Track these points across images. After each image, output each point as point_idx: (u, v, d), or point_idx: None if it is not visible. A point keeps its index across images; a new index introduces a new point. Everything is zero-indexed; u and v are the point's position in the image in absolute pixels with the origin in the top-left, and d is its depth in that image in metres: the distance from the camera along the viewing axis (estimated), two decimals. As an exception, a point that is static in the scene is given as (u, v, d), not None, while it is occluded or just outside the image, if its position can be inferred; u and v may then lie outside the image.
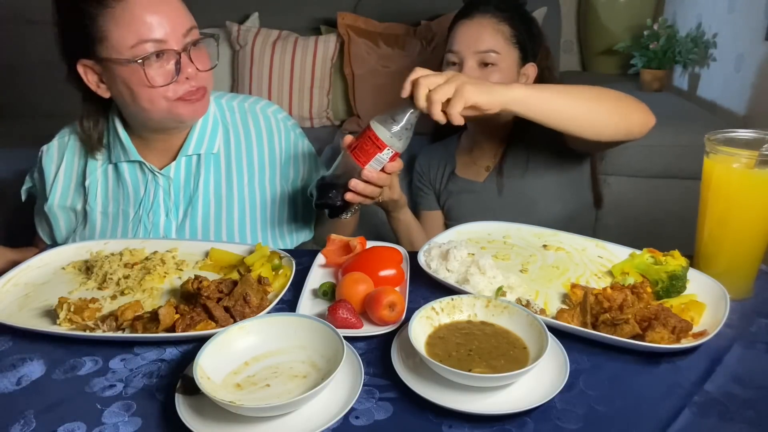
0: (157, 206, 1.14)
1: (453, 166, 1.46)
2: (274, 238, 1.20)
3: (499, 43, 1.31)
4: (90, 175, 1.17)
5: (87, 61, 1.05)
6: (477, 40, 1.31)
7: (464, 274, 0.92)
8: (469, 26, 1.33)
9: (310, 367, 0.73)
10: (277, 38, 2.51)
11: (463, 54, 1.31)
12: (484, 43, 1.30)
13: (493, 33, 1.31)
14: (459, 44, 1.33)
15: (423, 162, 1.53)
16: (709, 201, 0.92)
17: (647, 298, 0.86)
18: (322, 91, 2.53)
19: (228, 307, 0.83)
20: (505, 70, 1.32)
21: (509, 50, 1.33)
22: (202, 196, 1.15)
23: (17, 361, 0.79)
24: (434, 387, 0.70)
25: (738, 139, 0.90)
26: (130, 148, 1.14)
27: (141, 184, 1.16)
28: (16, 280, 0.97)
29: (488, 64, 1.30)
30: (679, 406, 0.69)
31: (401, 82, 0.95)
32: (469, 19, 1.34)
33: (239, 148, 1.18)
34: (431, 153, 1.53)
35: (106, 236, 1.16)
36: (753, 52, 1.98)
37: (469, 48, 1.31)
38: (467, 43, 1.32)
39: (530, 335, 0.76)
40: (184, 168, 1.16)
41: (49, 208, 1.20)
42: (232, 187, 1.16)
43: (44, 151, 1.22)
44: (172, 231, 1.15)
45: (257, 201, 1.17)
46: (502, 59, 1.31)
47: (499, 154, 1.40)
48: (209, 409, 0.67)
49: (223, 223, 1.15)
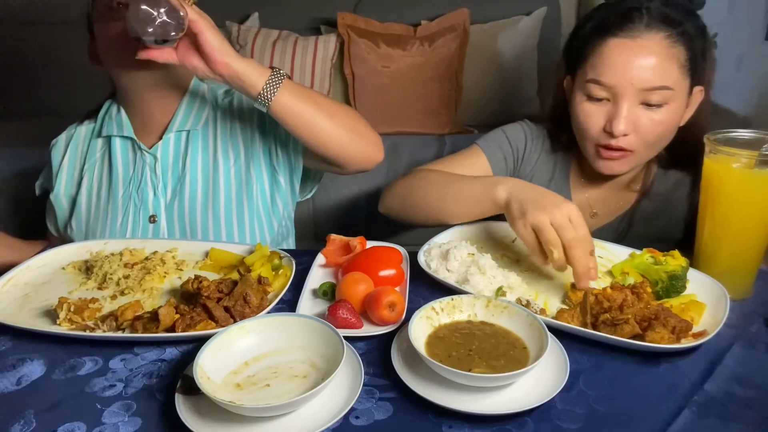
0: (144, 184, 1.17)
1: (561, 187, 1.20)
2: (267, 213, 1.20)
3: (672, 74, 0.98)
4: (89, 159, 1.21)
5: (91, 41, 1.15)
6: (643, 72, 0.98)
7: (464, 274, 0.92)
8: (629, 49, 0.98)
9: (310, 367, 0.73)
10: (277, 38, 2.51)
11: (621, 89, 0.99)
12: (654, 76, 0.97)
13: (666, 61, 0.98)
14: (614, 75, 0.99)
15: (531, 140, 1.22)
16: (709, 201, 0.92)
17: (647, 298, 0.86)
18: (322, 91, 2.52)
19: (228, 307, 0.83)
20: (674, 110, 1.02)
21: (681, 82, 1.00)
22: (189, 174, 1.17)
23: (17, 361, 0.79)
24: (434, 387, 0.70)
25: (738, 139, 0.90)
26: (125, 123, 1.18)
27: (131, 162, 1.19)
28: (16, 280, 0.97)
29: (654, 105, 1.00)
30: (679, 406, 0.69)
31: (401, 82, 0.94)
32: (630, 37, 0.99)
33: (225, 125, 1.19)
34: (548, 144, 1.22)
35: (99, 216, 1.18)
36: (753, 52, 1.98)
37: (632, 83, 0.98)
38: (627, 75, 0.98)
39: (530, 335, 0.76)
40: (173, 146, 1.18)
41: (56, 197, 1.23)
42: (219, 166, 1.17)
43: (53, 144, 1.27)
44: (161, 208, 1.17)
45: (243, 178, 1.18)
46: (674, 96, 1.00)
47: (619, 210, 1.18)
48: (209, 409, 0.67)
49: (210, 202, 1.16)
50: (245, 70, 0.97)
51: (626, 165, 1.09)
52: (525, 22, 2.51)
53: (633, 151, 1.06)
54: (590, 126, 1.07)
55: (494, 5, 2.55)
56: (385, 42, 2.45)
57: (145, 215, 1.17)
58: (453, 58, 2.42)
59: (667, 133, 1.06)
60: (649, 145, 1.06)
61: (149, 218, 1.16)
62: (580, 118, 1.08)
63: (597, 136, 1.07)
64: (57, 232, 1.26)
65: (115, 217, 1.17)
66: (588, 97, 1.05)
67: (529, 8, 2.54)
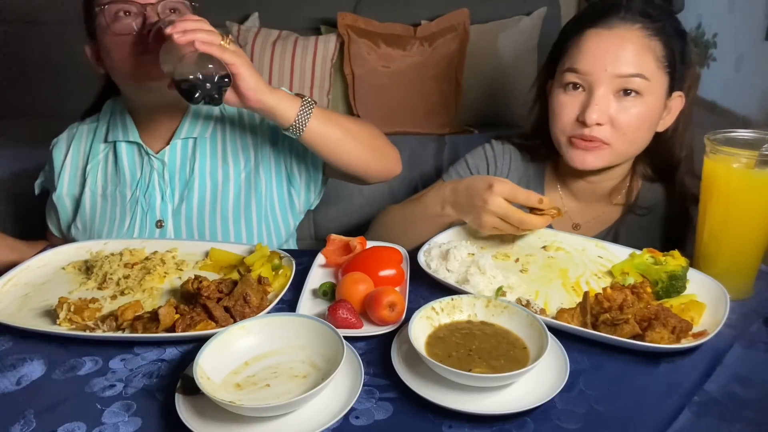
0: (152, 189, 1.17)
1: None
2: (275, 219, 1.20)
3: (649, 65, 1.00)
4: (92, 160, 1.20)
5: (90, 42, 1.13)
6: (619, 59, 0.99)
7: (464, 274, 0.92)
8: (606, 38, 1.01)
9: (310, 367, 0.73)
10: (277, 38, 2.51)
11: (595, 76, 1.00)
12: (629, 63, 0.99)
13: (642, 51, 1.00)
14: (589, 62, 1.01)
15: (494, 160, 1.24)
16: (709, 201, 0.92)
17: (647, 298, 0.86)
18: (322, 91, 2.52)
19: (228, 307, 0.83)
20: (650, 104, 1.02)
21: (658, 77, 1.02)
22: (198, 180, 1.16)
23: (17, 361, 0.79)
24: (434, 387, 0.70)
25: (738, 139, 0.90)
26: (130, 128, 1.18)
27: (137, 166, 1.18)
28: (16, 280, 0.97)
29: (631, 91, 1.01)
30: (679, 406, 0.69)
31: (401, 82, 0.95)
32: (606, 27, 1.01)
33: (234, 132, 1.19)
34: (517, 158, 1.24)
35: (105, 217, 1.18)
36: (753, 52, 1.98)
37: (606, 68, 0.99)
38: (603, 61, 0.99)
39: (530, 335, 0.76)
40: (180, 152, 1.17)
41: (58, 198, 1.22)
42: (228, 171, 1.17)
43: (54, 144, 1.26)
44: (168, 213, 1.16)
45: (252, 184, 1.17)
46: (650, 89, 1.01)
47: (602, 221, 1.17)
48: (209, 409, 0.67)
49: (218, 208, 1.16)
50: (277, 103, 0.98)
51: (600, 159, 1.06)
52: (525, 22, 2.51)
53: (609, 144, 1.04)
54: (564, 116, 1.06)
55: (494, 5, 2.55)
56: (385, 42, 2.45)
57: (152, 220, 1.16)
58: (453, 58, 2.42)
59: (644, 129, 1.05)
60: (625, 139, 1.04)
61: (156, 223, 1.16)
62: (555, 111, 1.08)
63: (571, 127, 1.06)
64: (59, 233, 1.26)
65: (123, 220, 1.16)
66: (564, 89, 1.06)
67: (529, 8, 2.54)
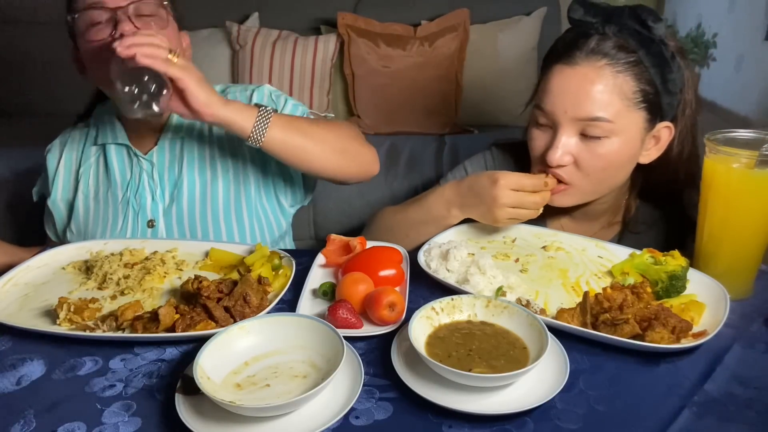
0: (142, 189, 1.17)
1: None
2: (267, 216, 1.21)
3: (613, 106, 0.93)
4: (84, 163, 1.21)
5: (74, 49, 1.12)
6: (579, 102, 0.93)
7: (464, 274, 0.92)
8: (568, 78, 0.95)
9: (310, 367, 0.73)
10: (277, 38, 2.51)
11: (557, 117, 0.96)
12: (589, 106, 0.93)
13: (606, 91, 0.92)
14: (551, 102, 0.96)
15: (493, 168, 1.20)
16: (709, 201, 0.92)
17: (647, 298, 0.86)
18: (322, 91, 2.53)
19: (228, 307, 0.83)
20: (619, 144, 0.96)
21: (628, 115, 0.94)
22: (186, 179, 1.16)
23: (17, 361, 0.79)
24: (434, 387, 0.70)
25: (738, 139, 0.90)
26: (118, 131, 1.18)
27: (127, 168, 1.19)
28: (16, 280, 0.97)
29: (593, 137, 0.95)
30: (679, 406, 0.69)
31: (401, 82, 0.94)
32: (570, 65, 0.95)
33: (220, 131, 1.18)
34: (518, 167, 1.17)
35: (99, 220, 1.18)
36: (753, 52, 1.98)
37: (566, 111, 0.94)
38: (563, 103, 0.95)
39: (530, 335, 0.76)
40: (168, 152, 1.18)
41: (53, 203, 1.23)
42: (216, 170, 1.17)
43: (48, 150, 1.26)
44: (159, 213, 1.17)
45: (241, 182, 1.18)
46: (616, 130, 0.94)
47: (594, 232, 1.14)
48: (209, 409, 0.67)
49: (208, 205, 1.16)
50: (232, 115, 0.97)
51: (567, 198, 1.03)
52: (525, 22, 2.51)
53: (570, 185, 1.01)
54: (534, 149, 1.05)
55: (494, 5, 2.56)
56: (385, 42, 2.45)
57: (143, 220, 1.16)
58: (453, 58, 2.42)
59: (614, 168, 1.00)
60: (589, 179, 1.00)
61: (147, 223, 1.16)
62: (529, 142, 1.06)
63: (540, 161, 1.04)
64: (57, 238, 1.26)
65: (115, 222, 1.17)
66: (536, 123, 1.03)
67: (529, 8, 2.54)
